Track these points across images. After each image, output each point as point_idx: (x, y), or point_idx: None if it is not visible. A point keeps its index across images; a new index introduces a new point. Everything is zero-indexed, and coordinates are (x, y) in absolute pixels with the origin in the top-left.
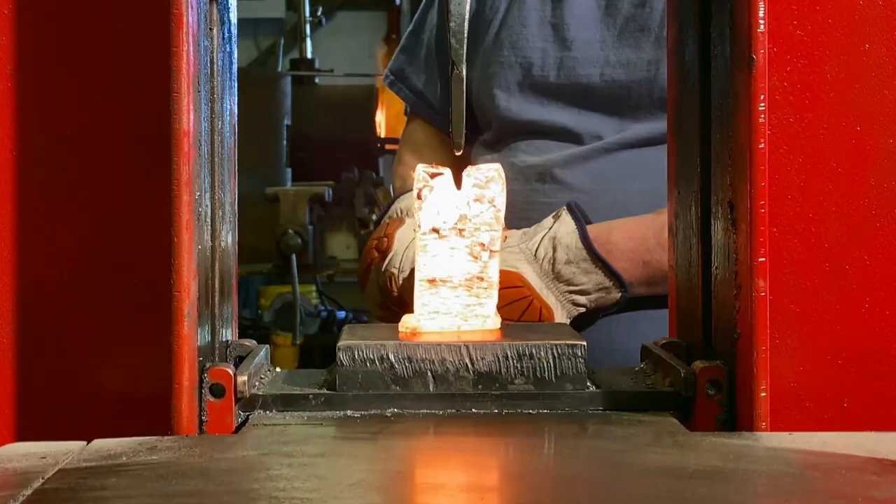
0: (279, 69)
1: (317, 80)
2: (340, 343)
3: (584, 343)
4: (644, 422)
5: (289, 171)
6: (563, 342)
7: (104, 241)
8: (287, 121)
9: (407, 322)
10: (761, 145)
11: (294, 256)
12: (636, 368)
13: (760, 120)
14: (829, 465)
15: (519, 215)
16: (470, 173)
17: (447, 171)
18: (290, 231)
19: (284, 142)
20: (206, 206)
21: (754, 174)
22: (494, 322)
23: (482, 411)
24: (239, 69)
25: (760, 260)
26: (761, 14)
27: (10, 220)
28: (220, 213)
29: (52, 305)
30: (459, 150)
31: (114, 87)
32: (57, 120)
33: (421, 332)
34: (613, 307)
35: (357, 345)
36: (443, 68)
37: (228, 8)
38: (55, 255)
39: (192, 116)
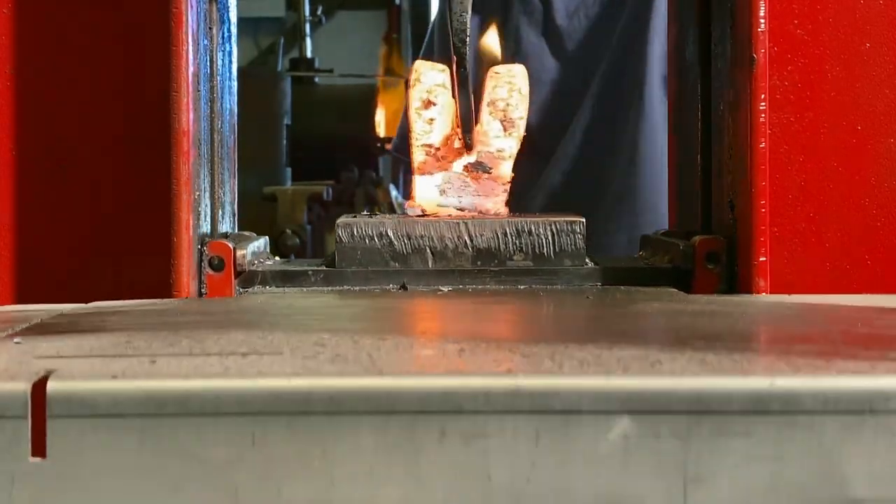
0: (279, 68)
1: (316, 80)
2: (340, 220)
3: (583, 220)
4: (643, 290)
5: (288, 170)
6: (561, 219)
7: (103, 239)
8: (287, 120)
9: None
10: (762, 145)
11: (293, 257)
12: (635, 256)
13: (761, 119)
14: (831, 307)
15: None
16: (492, 75)
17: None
18: (288, 231)
19: (284, 141)
20: (206, 205)
21: (755, 174)
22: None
23: (480, 287)
24: (238, 68)
25: (761, 259)
26: (762, 13)
27: (10, 219)
28: (220, 213)
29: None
30: (470, 150)
31: (114, 86)
32: (57, 119)
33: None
34: None
35: (356, 222)
36: None
37: (228, 7)
38: (55, 254)
39: (191, 116)
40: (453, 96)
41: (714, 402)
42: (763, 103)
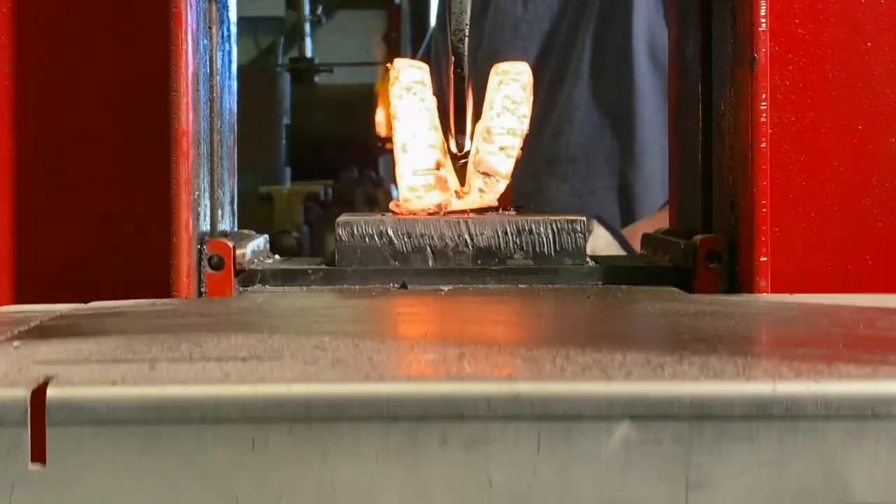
0: (279, 68)
1: (316, 79)
2: (340, 219)
3: (584, 219)
4: (644, 290)
5: (288, 170)
6: (562, 218)
7: (103, 239)
8: (286, 120)
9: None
10: (763, 145)
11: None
12: (636, 255)
13: (762, 119)
14: (832, 308)
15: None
16: (498, 73)
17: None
18: (284, 231)
19: (284, 141)
20: (206, 205)
21: (756, 174)
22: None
23: (481, 286)
24: (238, 68)
25: (762, 259)
26: (763, 13)
27: (9, 219)
28: (220, 213)
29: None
30: (463, 150)
31: (113, 86)
32: (56, 119)
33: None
34: None
35: (356, 220)
36: None
37: (228, 6)
38: (54, 253)
39: (191, 116)
40: (448, 97)
41: (716, 408)
42: (764, 103)
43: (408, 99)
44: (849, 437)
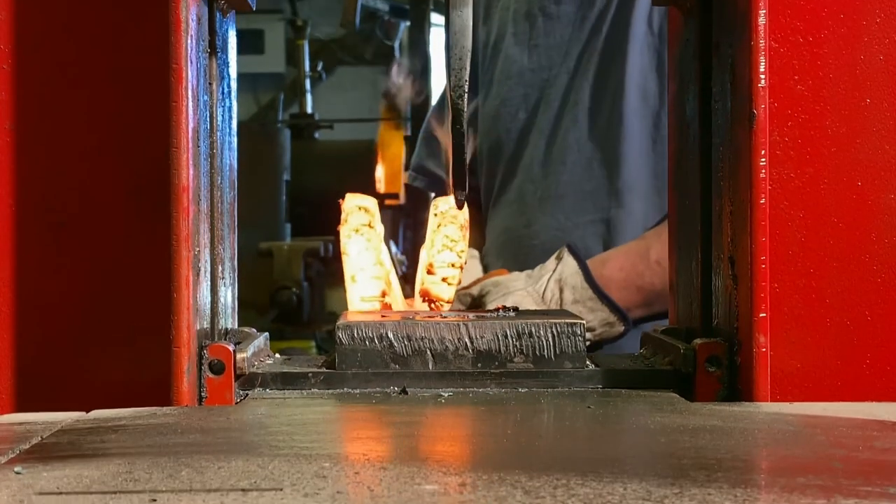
0: (279, 124)
1: (316, 135)
2: (340, 322)
3: (584, 322)
4: (644, 396)
5: (288, 225)
6: (562, 321)
7: (103, 294)
8: (286, 175)
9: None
10: (762, 200)
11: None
12: (636, 353)
13: (761, 175)
14: (830, 424)
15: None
16: (437, 214)
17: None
18: (284, 287)
19: (283, 196)
20: (206, 261)
21: (755, 230)
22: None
23: (481, 390)
24: (238, 123)
25: (761, 315)
26: (762, 69)
27: (9, 275)
28: (220, 269)
29: (54, 361)
30: (462, 207)
31: (114, 141)
32: (57, 175)
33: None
34: (617, 339)
35: (356, 323)
36: None
37: (228, 63)
38: (54, 309)
39: (191, 172)
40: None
41: None
42: (763, 159)
43: (355, 239)
44: None
